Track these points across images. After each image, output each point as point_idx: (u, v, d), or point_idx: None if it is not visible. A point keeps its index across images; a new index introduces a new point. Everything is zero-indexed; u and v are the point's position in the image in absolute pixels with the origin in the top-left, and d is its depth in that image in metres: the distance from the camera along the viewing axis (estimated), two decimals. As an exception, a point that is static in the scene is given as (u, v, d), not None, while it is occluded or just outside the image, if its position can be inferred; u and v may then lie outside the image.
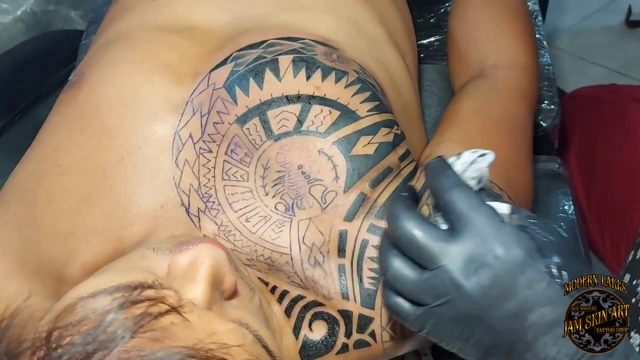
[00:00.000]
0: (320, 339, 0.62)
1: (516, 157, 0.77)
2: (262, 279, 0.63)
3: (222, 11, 0.73)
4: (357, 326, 0.62)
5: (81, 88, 0.68)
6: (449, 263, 0.49)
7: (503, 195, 0.70)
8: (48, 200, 0.64)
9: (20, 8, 1.58)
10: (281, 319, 0.62)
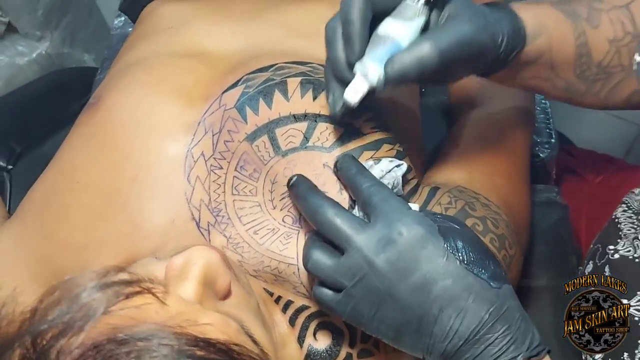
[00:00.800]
0: (325, 348, 0.63)
1: (514, 181, 0.80)
2: (267, 289, 0.64)
3: (233, 38, 0.77)
4: (361, 335, 0.64)
5: (98, 109, 0.71)
6: (362, 243, 0.55)
7: (501, 213, 0.72)
8: (64, 215, 0.67)
9: (35, 51, 1.64)
10: (285, 328, 0.64)
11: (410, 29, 0.55)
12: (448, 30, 0.55)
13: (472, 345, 0.54)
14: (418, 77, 0.55)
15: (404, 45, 0.55)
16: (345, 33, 0.56)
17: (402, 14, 0.55)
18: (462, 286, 0.54)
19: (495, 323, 0.54)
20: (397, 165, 0.64)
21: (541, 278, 0.84)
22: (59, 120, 1.08)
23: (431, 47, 0.54)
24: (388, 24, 0.55)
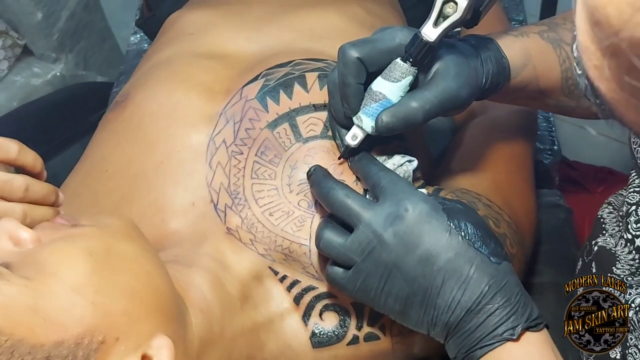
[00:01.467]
0: (332, 328, 0.66)
1: (517, 183, 0.83)
2: (272, 268, 0.67)
3: (249, 42, 0.82)
4: (368, 319, 0.67)
5: (126, 106, 0.76)
6: (371, 219, 0.59)
7: (503, 214, 0.75)
8: (93, 201, 0.71)
9: (50, 72, 1.69)
10: (287, 305, 0.66)
11: (399, 87, 0.61)
12: (433, 90, 0.61)
13: (475, 315, 0.57)
14: (404, 130, 0.62)
15: (394, 100, 0.61)
16: (343, 93, 0.62)
17: (392, 72, 0.61)
18: (464, 259, 0.57)
19: (496, 295, 0.57)
20: (409, 161, 0.68)
21: (545, 275, 0.86)
22: (76, 130, 1.12)
23: (416, 108, 0.60)
24: (379, 82, 0.62)
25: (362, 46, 0.61)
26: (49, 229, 0.55)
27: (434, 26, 0.58)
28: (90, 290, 0.49)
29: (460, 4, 0.57)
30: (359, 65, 0.61)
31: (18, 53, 1.66)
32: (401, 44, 0.61)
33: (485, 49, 0.67)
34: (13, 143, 0.58)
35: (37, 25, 1.62)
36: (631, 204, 0.73)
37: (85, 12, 1.71)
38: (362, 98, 0.63)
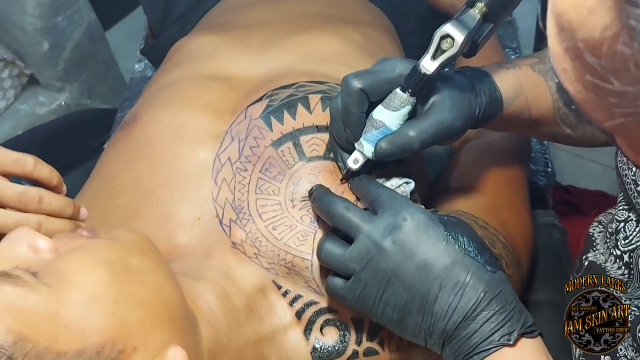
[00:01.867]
0: (332, 344, 0.68)
1: (512, 205, 0.86)
2: (275, 282, 0.69)
3: (254, 65, 0.85)
4: (367, 334, 0.68)
5: (135, 126, 0.79)
6: (370, 229, 0.61)
7: (499, 235, 0.77)
8: (102, 218, 0.73)
9: (55, 101, 1.72)
10: (289, 319, 0.68)
11: (398, 115, 0.65)
12: (430, 120, 0.65)
13: (471, 321, 0.59)
14: (401, 156, 0.65)
15: (393, 128, 0.65)
16: (346, 120, 0.66)
17: (392, 102, 0.65)
18: (460, 267, 0.60)
19: (491, 301, 0.59)
20: (406, 182, 0.70)
21: (542, 292, 0.88)
22: (81, 153, 1.14)
23: (413, 136, 0.64)
24: (380, 111, 0.66)
25: (364, 77, 0.65)
26: (65, 238, 0.57)
27: (432, 59, 0.62)
28: (110, 300, 0.50)
29: (457, 39, 0.61)
30: (362, 95, 0.64)
31: (24, 82, 1.69)
32: (401, 74, 0.65)
33: (480, 81, 0.70)
34: (29, 157, 0.61)
35: (43, 56, 1.65)
36: (620, 221, 0.75)
37: (91, 42, 1.75)
38: (363, 125, 0.66)
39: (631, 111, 0.32)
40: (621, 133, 0.36)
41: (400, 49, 1.04)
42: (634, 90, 0.31)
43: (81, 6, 1.69)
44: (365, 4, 1.11)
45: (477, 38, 0.64)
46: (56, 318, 0.47)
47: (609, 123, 0.34)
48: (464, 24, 0.61)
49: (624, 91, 0.31)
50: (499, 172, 0.88)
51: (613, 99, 0.32)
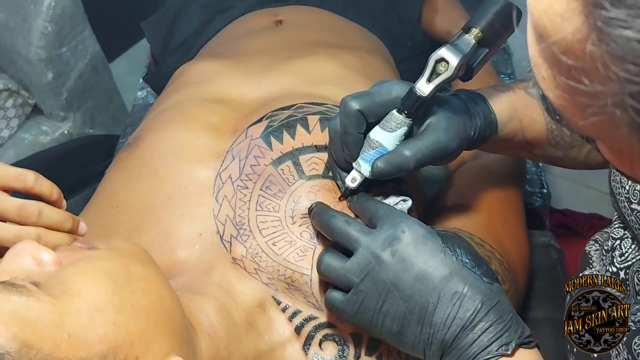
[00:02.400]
0: (331, 358, 0.68)
1: (508, 223, 0.87)
2: (275, 297, 0.70)
3: (253, 88, 0.87)
4: (366, 349, 0.69)
5: (138, 146, 0.81)
6: (370, 242, 0.62)
7: (495, 252, 0.78)
8: (104, 235, 0.74)
9: (58, 130, 1.74)
10: (289, 334, 0.69)
11: (395, 136, 0.67)
12: (425, 141, 0.67)
13: (469, 331, 0.59)
14: (397, 175, 0.67)
15: (389, 148, 0.67)
16: (344, 141, 0.68)
17: (388, 123, 0.67)
18: (458, 277, 0.61)
19: (489, 312, 0.60)
20: (403, 200, 0.72)
21: (540, 310, 0.88)
22: (83, 178, 1.16)
23: (408, 156, 0.66)
24: (377, 132, 0.68)
25: (362, 99, 0.66)
26: (67, 251, 0.58)
27: (427, 82, 0.64)
28: (112, 310, 0.51)
29: (452, 63, 0.63)
30: (359, 117, 0.66)
31: (28, 112, 1.72)
32: (397, 97, 0.66)
33: (474, 104, 0.72)
34: (30, 172, 0.62)
35: (47, 85, 1.68)
36: (616, 239, 0.76)
37: (94, 73, 1.78)
38: (361, 145, 0.68)
39: (602, 110, 0.33)
40: (596, 134, 0.38)
41: (397, 74, 1.07)
42: (604, 90, 0.33)
43: (85, 37, 1.72)
44: (363, 32, 1.14)
45: (472, 62, 0.66)
46: (59, 326, 0.48)
47: (583, 122, 0.36)
48: (458, 49, 0.63)
49: (595, 91, 0.33)
50: (495, 192, 0.89)
51: (585, 99, 0.34)
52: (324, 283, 0.69)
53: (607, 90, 0.33)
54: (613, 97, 0.33)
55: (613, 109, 0.33)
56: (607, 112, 0.33)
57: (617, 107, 0.33)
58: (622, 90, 0.32)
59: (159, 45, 1.25)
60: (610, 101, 0.33)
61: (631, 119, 0.33)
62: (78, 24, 1.69)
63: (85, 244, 0.60)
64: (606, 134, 0.36)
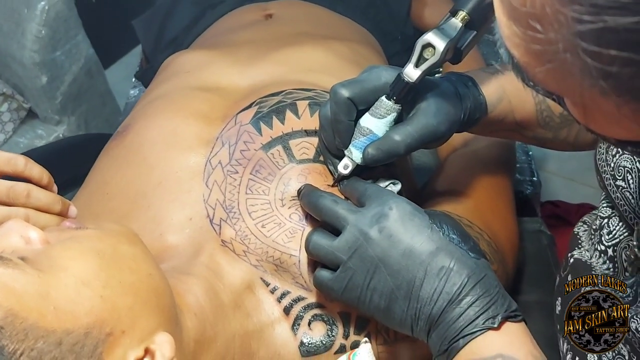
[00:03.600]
0: (320, 338, 0.69)
1: (497, 207, 0.87)
2: (263, 279, 0.70)
3: (243, 77, 0.88)
4: (354, 328, 0.69)
5: (127, 134, 0.81)
6: (358, 219, 0.63)
7: (483, 234, 0.79)
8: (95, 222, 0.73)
9: (53, 134, 1.74)
10: (278, 315, 0.69)
11: (384, 122, 0.68)
12: (414, 125, 0.67)
13: (456, 305, 0.60)
14: (388, 160, 0.68)
15: (379, 135, 0.68)
16: (335, 129, 0.69)
17: (378, 109, 0.68)
18: (444, 252, 0.61)
19: (475, 286, 0.60)
20: (393, 183, 0.72)
21: (530, 294, 0.89)
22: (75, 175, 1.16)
23: (398, 141, 0.67)
24: (367, 118, 0.68)
25: (351, 86, 0.67)
26: (55, 231, 0.59)
27: (415, 67, 0.64)
28: (99, 284, 0.52)
29: (438, 48, 0.63)
30: (350, 105, 0.67)
31: (23, 116, 1.72)
32: (387, 83, 0.67)
33: (464, 86, 0.73)
34: (20, 157, 0.63)
35: (41, 89, 1.69)
36: (603, 218, 0.77)
37: (88, 76, 1.79)
38: (352, 133, 0.69)
39: (555, 57, 0.34)
40: (555, 86, 0.38)
41: (386, 63, 1.07)
42: (555, 36, 0.34)
43: (79, 41, 1.73)
44: (353, 25, 1.15)
45: (460, 45, 0.66)
46: (46, 298, 0.49)
47: (540, 72, 0.37)
48: (445, 33, 0.64)
49: (548, 38, 0.34)
50: (484, 177, 0.90)
51: (540, 46, 0.35)
52: (313, 264, 0.69)
53: (558, 36, 0.33)
54: (564, 41, 0.33)
55: (564, 55, 0.34)
56: (560, 59, 0.34)
57: (568, 52, 0.34)
58: (571, 32, 0.33)
59: (150, 43, 1.26)
60: (562, 46, 0.34)
61: (582, 63, 0.34)
62: (72, 28, 1.70)
63: (74, 224, 0.61)
64: (563, 84, 0.37)
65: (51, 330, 0.48)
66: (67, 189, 1.14)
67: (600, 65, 0.33)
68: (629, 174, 0.67)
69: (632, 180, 0.67)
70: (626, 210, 0.69)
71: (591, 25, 0.32)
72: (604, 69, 0.33)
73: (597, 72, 0.34)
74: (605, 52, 0.32)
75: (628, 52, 0.32)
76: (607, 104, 0.35)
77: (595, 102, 0.36)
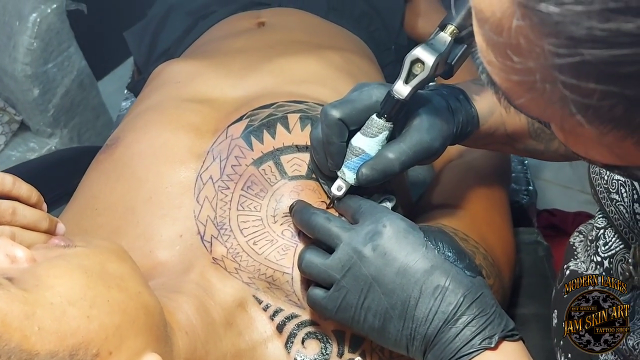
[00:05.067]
0: (314, 356, 0.67)
1: (493, 220, 0.86)
2: (256, 296, 0.69)
3: (234, 88, 0.87)
4: (349, 346, 0.68)
5: (117, 147, 0.80)
6: (351, 237, 0.62)
7: (479, 247, 0.78)
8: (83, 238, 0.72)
9: (45, 147, 1.73)
10: (270, 333, 0.68)
11: (376, 141, 0.67)
12: (408, 142, 0.66)
13: (452, 325, 0.58)
14: (383, 180, 0.66)
15: (372, 154, 0.67)
16: (327, 151, 0.67)
17: (369, 128, 0.66)
18: (440, 271, 0.60)
19: (471, 305, 0.59)
20: (388, 199, 0.71)
21: (528, 306, 0.88)
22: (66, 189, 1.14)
23: (392, 159, 0.65)
24: (359, 138, 0.67)
25: (342, 107, 0.66)
26: (43, 249, 0.57)
27: (405, 84, 0.63)
28: (86, 304, 0.51)
29: (427, 63, 0.62)
30: (341, 126, 0.66)
31: (15, 129, 1.71)
32: (378, 101, 0.66)
33: (455, 100, 0.72)
34: (7, 176, 0.62)
35: (33, 102, 1.67)
36: (600, 228, 0.76)
37: (80, 89, 1.77)
38: (344, 154, 0.67)
39: (533, 86, 0.34)
40: (537, 112, 0.38)
41: (381, 74, 1.06)
42: (532, 65, 0.33)
43: (72, 53, 1.72)
44: (346, 33, 1.14)
45: (451, 60, 0.65)
46: (30, 318, 0.47)
47: (521, 101, 0.36)
48: (434, 47, 0.62)
49: (524, 67, 0.33)
50: (480, 189, 0.89)
51: (517, 76, 0.34)
52: (306, 281, 0.68)
53: (535, 65, 0.33)
54: (542, 72, 0.33)
55: (543, 84, 0.33)
56: (539, 88, 0.34)
57: (546, 82, 0.33)
58: (549, 64, 0.32)
59: (142, 54, 1.25)
60: (539, 76, 0.33)
61: (562, 94, 0.33)
62: (64, 40, 1.68)
63: (62, 241, 0.59)
64: (544, 112, 0.36)
65: (34, 353, 0.47)
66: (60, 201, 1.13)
67: (579, 98, 0.32)
68: (623, 187, 0.66)
69: (625, 193, 0.66)
70: (621, 224, 0.68)
71: (568, 59, 0.31)
72: (583, 102, 0.32)
73: (576, 105, 0.33)
74: (584, 85, 0.32)
75: (607, 85, 0.31)
76: (589, 132, 0.34)
77: (578, 129, 0.35)
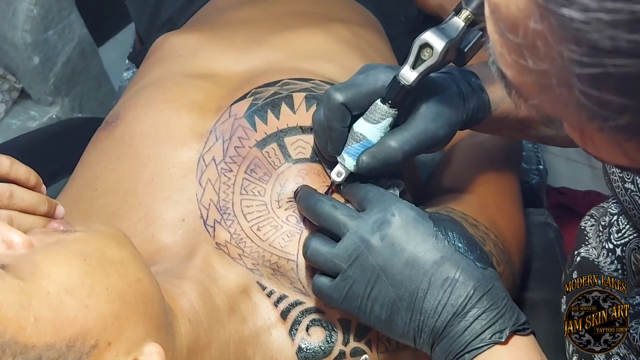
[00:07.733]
0: (318, 344, 0.66)
1: (504, 204, 0.84)
2: (260, 282, 0.67)
3: (238, 63, 0.84)
4: (354, 335, 0.66)
5: (117, 126, 0.77)
6: (359, 226, 0.59)
7: (489, 233, 0.76)
8: (83, 220, 0.70)
9: (46, 115, 1.71)
10: (274, 319, 0.66)
11: (379, 128, 0.64)
12: (412, 130, 0.63)
13: (461, 319, 0.57)
14: (385, 169, 0.64)
15: (373, 141, 0.64)
16: (328, 136, 0.65)
17: (372, 114, 0.63)
18: (450, 262, 0.58)
19: (482, 298, 0.57)
20: (396, 184, 0.69)
21: (537, 291, 0.86)
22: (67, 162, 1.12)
23: (395, 148, 0.63)
24: (361, 124, 0.64)
25: (346, 91, 0.63)
26: (40, 234, 0.55)
27: (412, 69, 0.60)
28: (84, 293, 0.49)
29: (436, 48, 0.59)
30: (344, 110, 0.63)
31: (15, 97, 1.69)
32: (384, 86, 0.63)
33: (467, 84, 0.68)
34: (4, 158, 0.59)
35: (33, 70, 1.64)
36: (613, 214, 0.74)
37: (82, 57, 1.74)
38: (345, 139, 0.65)
39: (549, 89, 0.33)
40: (552, 112, 0.36)
41: (390, 48, 1.03)
42: (549, 68, 0.31)
43: (73, 20, 1.68)
44: (354, 5, 1.10)
45: (464, 46, 0.62)
46: (26, 309, 0.46)
47: (532, 101, 0.35)
48: (445, 32, 0.59)
49: (541, 70, 0.32)
50: (490, 172, 0.87)
51: (532, 77, 0.33)
52: (311, 268, 0.66)
53: (551, 69, 0.31)
54: (558, 76, 0.31)
55: (559, 88, 0.32)
56: (554, 91, 0.32)
57: (562, 87, 0.31)
58: (567, 71, 0.30)
59: (144, 24, 1.21)
60: (555, 80, 0.31)
61: (578, 100, 0.31)
62: (64, 7, 1.65)
63: (61, 225, 0.57)
64: (558, 112, 0.35)
65: (30, 345, 0.45)
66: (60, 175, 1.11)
67: (597, 107, 0.31)
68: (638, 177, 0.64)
69: None
70: (635, 214, 0.66)
71: (590, 69, 0.29)
72: (601, 112, 0.31)
73: (592, 113, 0.31)
74: (603, 96, 0.30)
75: (628, 98, 0.30)
76: (606, 138, 0.33)
77: (594, 134, 0.33)
